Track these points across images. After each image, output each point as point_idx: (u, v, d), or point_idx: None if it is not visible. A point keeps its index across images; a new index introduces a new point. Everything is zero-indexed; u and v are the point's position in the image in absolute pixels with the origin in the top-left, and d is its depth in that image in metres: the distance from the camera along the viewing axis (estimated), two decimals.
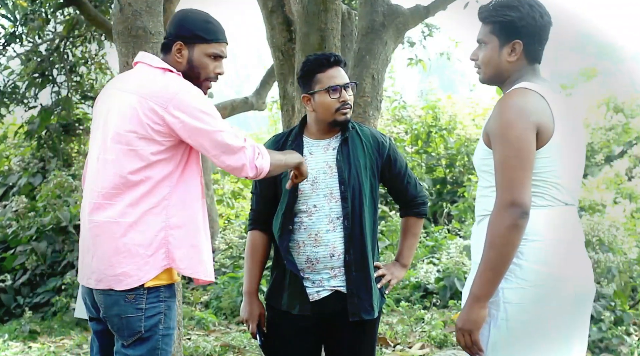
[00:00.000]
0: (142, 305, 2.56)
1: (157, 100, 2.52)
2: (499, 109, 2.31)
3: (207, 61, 2.67)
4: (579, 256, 2.38)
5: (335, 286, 2.88)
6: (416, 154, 10.93)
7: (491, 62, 2.44)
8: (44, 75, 8.64)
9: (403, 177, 3.04)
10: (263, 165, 2.59)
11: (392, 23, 5.81)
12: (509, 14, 2.38)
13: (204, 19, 2.69)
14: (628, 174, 11.74)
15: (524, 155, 2.25)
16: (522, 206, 2.22)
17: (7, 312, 7.34)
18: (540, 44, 2.42)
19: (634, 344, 5.26)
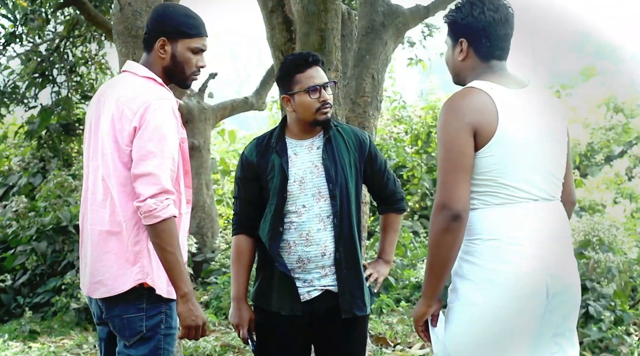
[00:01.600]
0: (142, 305, 2.57)
1: (132, 107, 2.55)
2: (441, 113, 2.36)
3: (190, 56, 2.68)
4: (551, 251, 2.33)
5: (326, 285, 2.89)
6: (416, 154, 10.93)
7: (449, 63, 2.52)
8: (44, 75, 8.64)
9: (383, 173, 3.06)
10: (159, 214, 2.47)
11: (392, 23, 5.82)
12: (453, 14, 2.46)
13: (185, 13, 2.71)
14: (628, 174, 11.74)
15: (455, 157, 2.27)
16: (452, 209, 2.24)
17: (7, 312, 7.34)
18: (490, 41, 2.41)
19: (634, 344, 5.26)
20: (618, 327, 5.26)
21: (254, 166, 2.95)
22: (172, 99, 2.63)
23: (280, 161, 2.91)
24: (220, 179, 11.14)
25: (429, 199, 10.34)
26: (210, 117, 9.17)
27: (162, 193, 2.47)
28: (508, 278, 2.26)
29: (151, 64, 2.68)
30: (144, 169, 2.48)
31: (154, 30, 2.67)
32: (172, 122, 2.56)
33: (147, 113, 2.52)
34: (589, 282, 5.59)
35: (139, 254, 2.56)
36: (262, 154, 2.95)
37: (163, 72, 2.69)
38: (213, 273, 8.05)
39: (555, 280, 2.33)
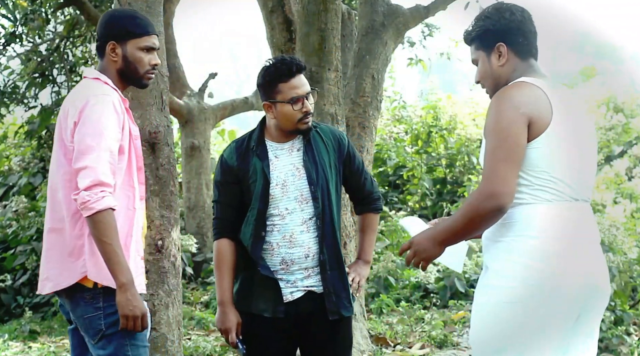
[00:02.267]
0: (99, 304, 2.61)
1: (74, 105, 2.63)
2: (493, 103, 2.35)
3: (141, 55, 2.74)
4: (585, 253, 2.34)
5: (309, 286, 2.88)
6: (416, 154, 10.92)
7: (487, 75, 2.51)
8: (44, 75, 8.64)
9: (361, 173, 3.07)
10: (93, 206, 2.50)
11: (392, 23, 5.82)
12: (482, 24, 2.48)
13: (130, 15, 2.79)
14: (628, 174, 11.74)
15: (510, 147, 2.26)
16: (500, 201, 2.24)
17: (7, 312, 7.34)
18: (525, 38, 2.46)
19: (634, 344, 5.26)
20: (618, 327, 5.26)
21: (234, 170, 2.92)
22: (115, 95, 2.68)
23: (261, 164, 2.89)
24: None
25: (428, 199, 10.34)
26: (210, 117, 9.17)
27: (96, 185, 2.51)
28: (549, 279, 2.26)
29: (105, 69, 2.75)
30: (82, 163, 2.54)
31: (103, 36, 2.75)
32: (111, 117, 2.60)
33: (85, 108, 2.58)
34: None
35: (82, 248, 2.61)
36: (243, 158, 2.92)
37: (118, 76, 2.75)
38: (213, 273, 8.04)
39: (594, 282, 2.34)
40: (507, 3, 2.50)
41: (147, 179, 3.94)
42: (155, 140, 3.94)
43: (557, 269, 2.27)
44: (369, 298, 6.73)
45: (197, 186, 8.85)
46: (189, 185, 8.90)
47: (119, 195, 2.63)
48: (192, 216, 8.89)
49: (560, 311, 2.29)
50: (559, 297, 2.28)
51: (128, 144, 2.69)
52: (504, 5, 2.49)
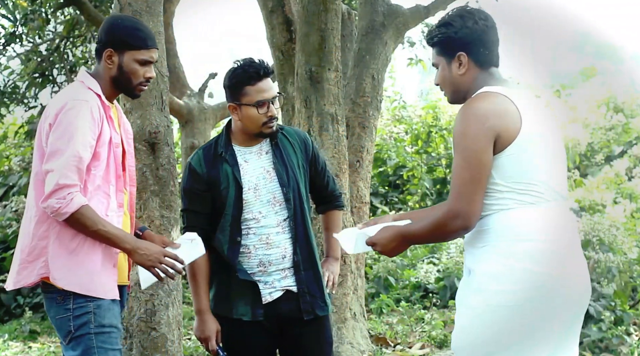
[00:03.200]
0: (69, 305, 2.63)
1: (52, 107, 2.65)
2: (458, 117, 2.35)
3: (137, 67, 2.74)
4: (573, 254, 2.36)
5: (286, 285, 2.89)
6: (416, 154, 10.92)
7: (447, 81, 2.51)
8: (44, 75, 8.64)
9: (324, 173, 3.09)
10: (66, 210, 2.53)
11: (392, 23, 5.82)
12: (444, 31, 2.46)
13: (132, 25, 2.77)
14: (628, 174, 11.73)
15: (475, 167, 2.27)
16: (466, 221, 2.29)
17: (7, 312, 7.34)
18: (486, 48, 2.45)
19: (634, 344, 5.26)
20: (618, 327, 5.26)
21: (203, 177, 2.90)
22: (95, 101, 2.66)
23: (231, 170, 2.88)
24: None
25: (429, 199, 10.33)
26: (210, 117, 9.17)
27: (61, 188, 2.53)
28: (539, 280, 2.27)
29: (99, 73, 2.76)
30: (48, 166, 2.57)
31: (102, 41, 2.75)
32: (85, 122, 2.60)
33: (61, 112, 2.60)
34: None
35: (44, 249, 2.62)
36: (212, 165, 2.90)
37: (111, 82, 2.75)
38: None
39: (580, 283, 2.36)
40: (472, 10, 2.48)
41: (147, 179, 3.94)
42: (155, 140, 3.95)
43: (556, 271, 2.28)
44: (369, 298, 6.73)
45: None
46: None
47: (92, 201, 2.63)
48: None
49: (560, 313, 2.30)
50: (560, 299, 2.28)
51: (107, 152, 2.68)
52: (468, 12, 2.46)
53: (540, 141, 2.34)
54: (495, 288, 2.29)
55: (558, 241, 2.31)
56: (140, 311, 3.93)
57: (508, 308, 2.27)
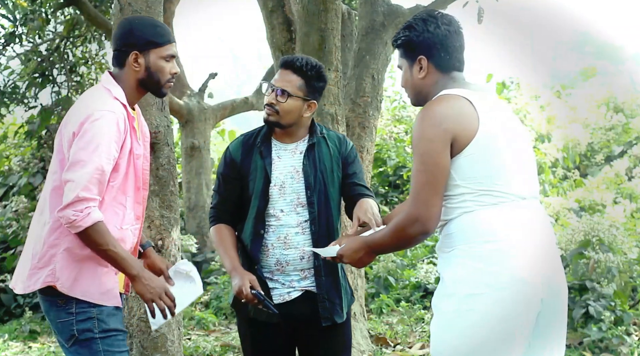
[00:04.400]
0: (72, 309, 2.62)
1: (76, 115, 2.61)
2: (416, 121, 2.36)
3: (163, 64, 2.72)
4: (544, 252, 2.33)
5: (306, 286, 2.89)
6: None
7: (408, 84, 2.53)
8: (44, 75, 8.64)
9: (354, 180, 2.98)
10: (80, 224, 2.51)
11: (392, 23, 5.81)
12: (407, 34, 2.48)
13: (151, 23, 2.76)
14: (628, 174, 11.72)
15: (431, 170, 2.28)
16: (425, 226, 2.29)
17: (7, 312, 7.33)
18: (448, 53, 2.45)
19: (634, 344, 5.26)
20: (618, 327, 5.26)
21: (237, 165, 2.94)
22: (121, 112, 2.64)
23: (263, 163, 2.90)
24: None
25: None
26: (210, 117, 9.17)
27: (80, 200, 2.50)
28: (507, 282, 2.24)
29: (122, 78, 2.72)
30: (69, 176, 2.54)
31: (125, 46, 2.71)
32: (110, 134, 2.57)
33: (87, 122, 2.56)
34: (589, 282, 5.59)
35: (53, 257, 2.60)
36: (247, 154, 2.93)
37: (137, 85, 2.73)
38: (213, 273, 8.04)
39: (549, 283, 2.32)
40: (436, 13, 2.48)
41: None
42: (155, 140, 3.95)
43: (514, 271, 2.25)
44: (369, 298, 6.73)
45: (197, 186, 8.85)
46: (189, 185, 8.90)
47: (107, 212, 2.61)
48: (192, 216, 8.89)
49: (522, 314, 2.27)
50: (519, 300, 2.25)
51: (127, 163, 2.66)
52: (431, 16, 2.47)
53: (500, 142, 2.32)
54: (465, 292, 2.27)
55: (524, 241, 2.28)
56: (140, 311, 3.93)
57: (479, 312, 2.25)
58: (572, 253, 5.85)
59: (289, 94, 2.87)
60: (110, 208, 2.64)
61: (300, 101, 2.89)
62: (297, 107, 2.89)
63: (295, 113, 2.89)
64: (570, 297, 5.48)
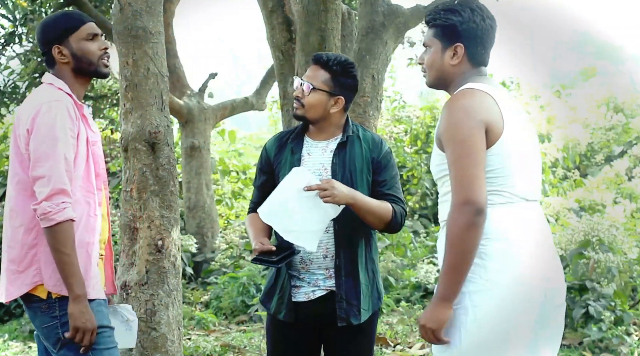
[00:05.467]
0: (56, 313, 2.60)
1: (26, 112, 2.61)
2: (447, 111, 2.33)
3: (87, 44, 2.73)
4: (545, 253, 2.36)
5: (331, 286, 2.89)
6: (416, 154, 10.93)
7: (434, 66, 2.47)
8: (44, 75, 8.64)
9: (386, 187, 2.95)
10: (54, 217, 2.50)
11: (392, 23, 5.81)
12: (451, 17, 2.41)
13: (60, 14, 2.79)
14: (628, 174, 11.73)
15: (475, 153, 2.25)
16: (476, 204, 2.22)
17: (7, 312, 7.33)
18: (484, 47, 2.44)
19: (634, 344, 5.26)
20: (618, 327, 5.26)
21: (270, 160, 3.01)
22: (69, 100, 2.65)
23: (292, 159, 2.93)
24: (219, 179, 11.13)
25: (429, 199, 10.33)
26: (210, 117, 9.17)
27: (55, 194, 2.50)
28: (512, 280, 2.26)
29: (59, 73, 2.74)
30: (37, 172, 2.53)
31: (45, 45, 2.74)
32: (64, 123, 2.58)
33: (37, 116, 2.57)
34: (589, 282, 5.59)
35: (34, 257, 2.59)
36: (280, 150, 2.99)
37: (74, 75, 2.74)
38: (213, 273, 8.05)
39: (550, 282, 2.35)
40: (481, 5, 2.46)
41: (147, 179, 3.94)
42: (155, 140, 3.94)
43: (521, 271, 2.27)
44: None
45: (197, 186, 8.85)
46: (189, 185, 8.90)
47: (78, 202, 2.61)
48: (192, 216, 8.89)
49: (528, 313, 2.28)
50: (526, 299, 2.27)
51: (85, 151, 2.66)
52: (478, 6, 2.44)
53: (518, 144, 2.34)
54: (470, 289, 2.28)
55: (529, 241, 2.30)
56: (140, 311, 3.93)
57: (483, 309, 2.27)
58: (572, 253, 5.85)
59: (314, 88, 2.91)
60: (81, 198, 2.63)
61: (325, 95, 2.91)
62: (322, 101, 2.91)
63: (320, 107, 2.92)
64: (570, 297, 5.50)
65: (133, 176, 3.91)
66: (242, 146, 13.89)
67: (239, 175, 11.62)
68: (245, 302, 6.83)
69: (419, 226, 9.58)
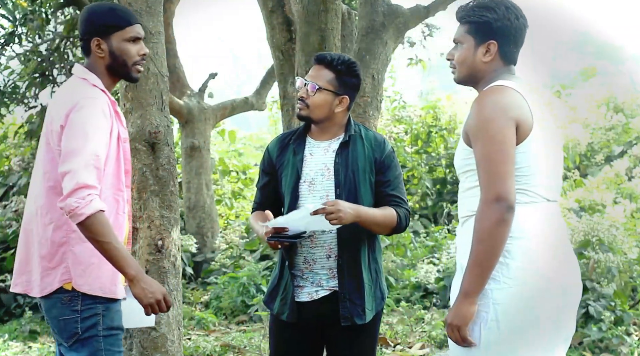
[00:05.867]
0: (77, 307, 2.58)
1: (60, 107, 2.58)
2: (477, 107, 2.34)
3: (128, 46, 2.68)
4: (564, 252, 2.38)
5: (334, 286, 2.89)
6: (416, 154, 10.92)
7: (466, 62, 2.47)
8: (44, 75, 8.63)
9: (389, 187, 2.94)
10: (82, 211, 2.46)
11: (392, 23, 5.81)
12: (485, 14, 2.42)
13: (109, 7, 2.73)
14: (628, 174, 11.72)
15: (505, 149, 2.26)
16: (507, 200, 2.23)
17: (7, 312, 7.33)
18: (516, 46, 2.46)
19: (634, 344, 5.26)
20: (618, 327, 5.26)
21: (272, 161, 3.00)
22: (104, 98, 2.64)
23: (294, 159, 2.93)
24: (219, 179, 11.13)
25: (429, 199, 10.33)
26: (210, 117, 9.17)
27: (81, 188, 2.45)
28: (533, 279, 2.28)
29: (93, 66, 2.70)
30: (66, 167, 2.49)
31: (86, 34, 2.69)
32: (99, 120, 2.56)
33: (72, 112, 2.54)
34: (589, 282, 5.59)
35: (64, 254, 2.58)
36: (282, 150, 2.99)
37: (107, 72, 2.70)
38: (213, 273, 8.04)
39: (569, 282, 2.37)
40: (515, 4, 2.46)
41: (147, 179, 3.94)
42: (155, 140, 3.94)
43: (544, 270, 2.29)
44: None
45: (197, 186, 8.85)
46: (189, 185, 8.90)
47: (107, 199, 2.60)
48: (192, 216, 8.89)
49: (549, 311, 2.31)
50: (548, 297, 2.29)
51: (117, 148, 2.65)
52: (512, 5, 2.45)
53: (545, 144, 2.36)
54: (492, 286, 2.29)
55: (550, 241, 2.32)
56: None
57: (505, 306, 2.28)
58: None
59: (319, 88, 2.90)
60: (111, 195, 2.62)
61: (330, 95, 2.91)
62: (327, 101, 2.91)
63: (326, 107, 2.91)
64: None
65: (133, 176, 3.91)
66: (242, 146, 13.88)
67: (238, 175, 11.62)
68: (245, 302, 6.83)
69: (419, 226, 9.58)
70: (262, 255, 7.93)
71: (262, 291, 6.77)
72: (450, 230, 9.13)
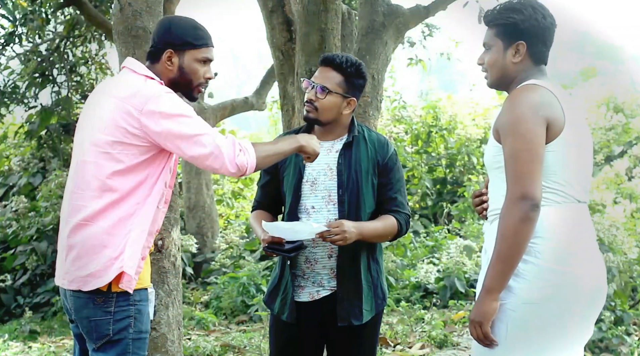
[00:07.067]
0: (111, 308, 2.55)
1: (134, 103, 2.51)
2: (509, 104, 2.34)
3: (198, 67, 2.67)
4: (592, 254, 2.38)
5: (335, 286, 2.89)
6: (416, 154, 10.93)
7: (496, 65, 2.47)
8: (44, 75, 8.64)
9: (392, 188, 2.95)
10: (246, 162, 2.51)
11: (392, 23, 5.81)
12: (512, 16, 2.42)
13: (192, 25, 2.69)
14: (628, 174, 11.73)
15: (534, 148, 2.26)
16: (532, 199, 2.23)
17: (7, 312, 7.34)
18: (545, 45, 2.45)
19: (634, 344, 5.26)
20: (618, 327, 5.26)
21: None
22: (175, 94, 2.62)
23: (297, 159, 2.92)
24: (220, 180, 11.13)
25: (429, 199, 10.33)
26: (210, 117, 9.17)
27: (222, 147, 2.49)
28: (564, 279, 2.28)
29: (156, 73, 2.66)
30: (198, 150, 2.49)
31: (161, 42, 2.65)
32: (183, 103, 2.54)
33: (152, 105, 2.49)
34: None
35: (125, 245, 2.53)
36: None
37: (169, 84, 2.66)
38: (213, 273, 8.05)
39: (597, 284, 2.37)
40: (542, 4, 2.46)
41: None
42: None
43: (574, 271, 2.30)
44: None
45: (197, 186, 8.85)
46: (189, 185, 8.91)
47: (156, 190, 2.57)
48: (192, 216, 8.89)
49: (576, 313, 2.31)
50: (576, 299, 2.30)
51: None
52: (539, 4, 2.45)
53: (577, 144, 2.36)
54: (520, 286, 2.30)
55: (580, 243, 2.33)
56: None
57: (532, 306, 2.29)
58: None
59: (328, 91, 2.88)
60: (157, 189, 2.58)
61: (339, 98, 2.90)
62: (337, 104, 2.90)
63: (335, 110, 2.90)
64: None
65: None
66: None
67: None
68: (245, 302, 6.83)
69: (419, 226, 9.58)
70: (262, 255, 7.93)
71: (262, 291, 6.78)
72: (450, 230, 9.13)
